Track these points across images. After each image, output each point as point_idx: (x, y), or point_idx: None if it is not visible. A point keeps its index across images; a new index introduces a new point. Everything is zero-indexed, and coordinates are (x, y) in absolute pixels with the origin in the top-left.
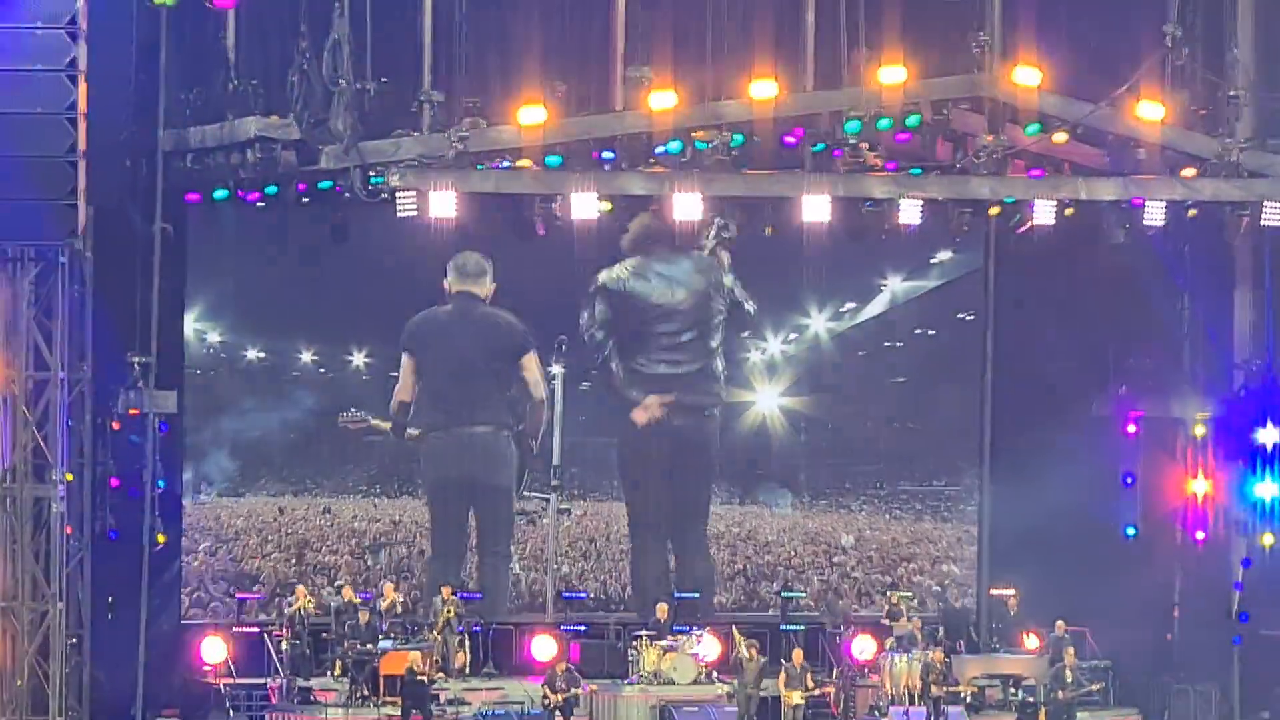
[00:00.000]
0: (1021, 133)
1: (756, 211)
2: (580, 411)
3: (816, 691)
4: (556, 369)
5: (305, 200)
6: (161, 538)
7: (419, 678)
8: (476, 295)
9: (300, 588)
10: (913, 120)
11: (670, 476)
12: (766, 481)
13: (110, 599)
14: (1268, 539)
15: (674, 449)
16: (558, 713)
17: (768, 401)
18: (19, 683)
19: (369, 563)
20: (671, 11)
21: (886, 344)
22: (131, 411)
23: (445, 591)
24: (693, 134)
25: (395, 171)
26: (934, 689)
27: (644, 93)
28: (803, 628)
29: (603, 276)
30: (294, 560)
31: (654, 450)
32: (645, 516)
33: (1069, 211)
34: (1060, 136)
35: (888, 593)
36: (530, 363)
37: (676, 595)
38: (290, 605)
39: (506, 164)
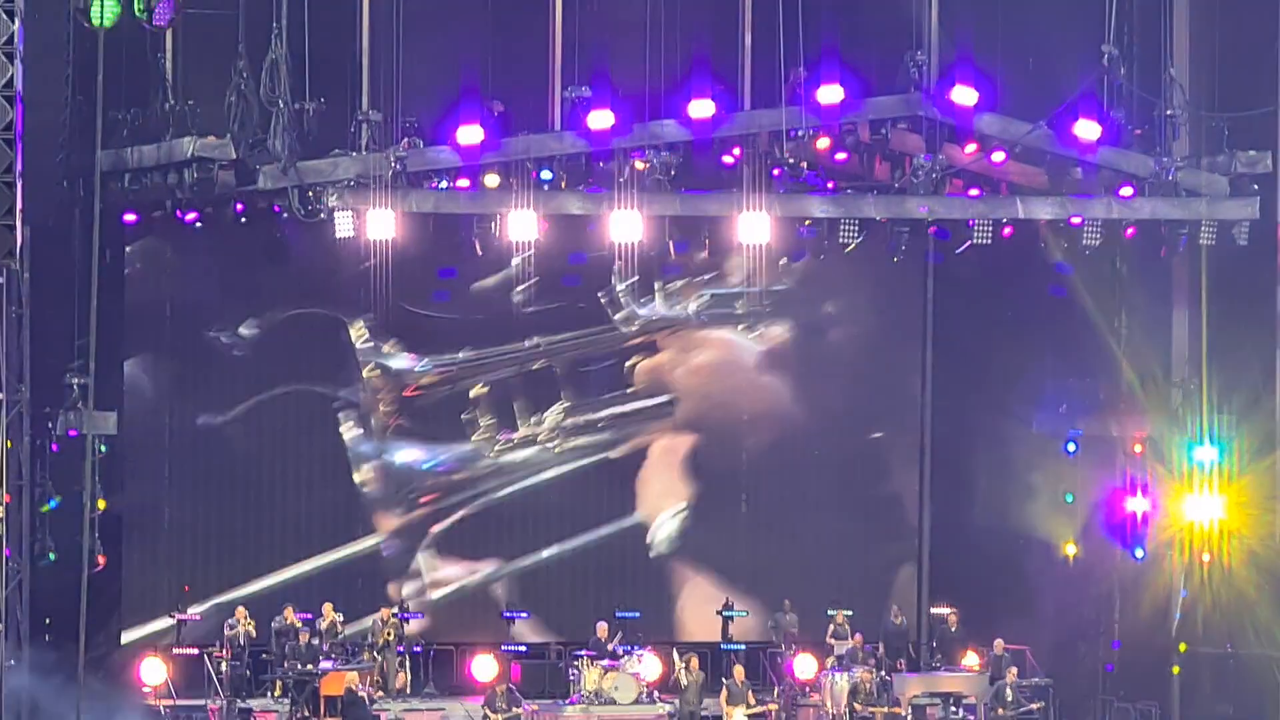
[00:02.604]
0: (959, 152)
1: (695, 231)
2: None
3: (759, 709)
4: None
5: (243, 220)
6: (101, 559)
7: (359, 698)
8: None
9: (240, 609)
10: (851, 140)
11: None
12: None
13: (48, 621)
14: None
15: None
16: None
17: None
18: None
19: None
20: (609, 31)
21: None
22: (70, 433)
23: (385, 612)
24: (631, 154)
25: (334, 191)
26: (858, 708)
27: (583, 113)
28: (743, 647)
29: None
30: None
31: None
32: None
33: (1007, 231)
34: (998, 156)
35: (830, 611)
36: None
37: (618, 615)
38: (231, 628)
39: (444, 184)
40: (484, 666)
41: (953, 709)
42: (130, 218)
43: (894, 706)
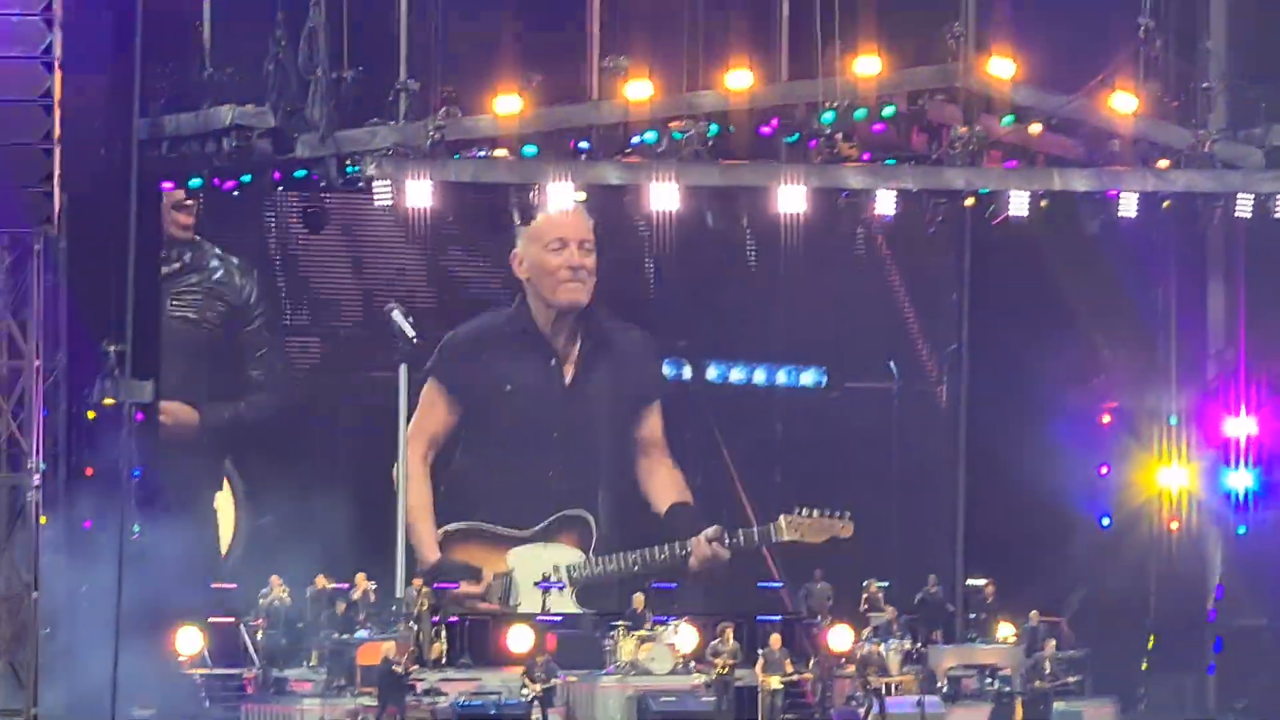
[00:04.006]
0: (997, 124)
1: (732, 202)
2: None
3: (794, 676)
4: None
5: (280, 189)
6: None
7: (394, 668)
8: None
9: (275, 577)
10: (888, 111)
11: None
12: None
13: (85, 589)
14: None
15: None
16: (536, 703)
17: None
18: None
19: None
20: (648, 2)
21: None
22: (107, 401)
23: (417, 582)
24: (669, 124)
25: (372, 160)
26: (872, 680)
27: (620, 83)
28: (779, 618)
29: None
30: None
31: None
32: None
33: (1044, 203)
34: (1035, 128)
35: (865, 583)
36: None
37: (654, 585)
38: (265, 595)
39: (482, 154)
40: (520, 637)
41: (989, 681)
42: (168, 185)
43: (889, 678)
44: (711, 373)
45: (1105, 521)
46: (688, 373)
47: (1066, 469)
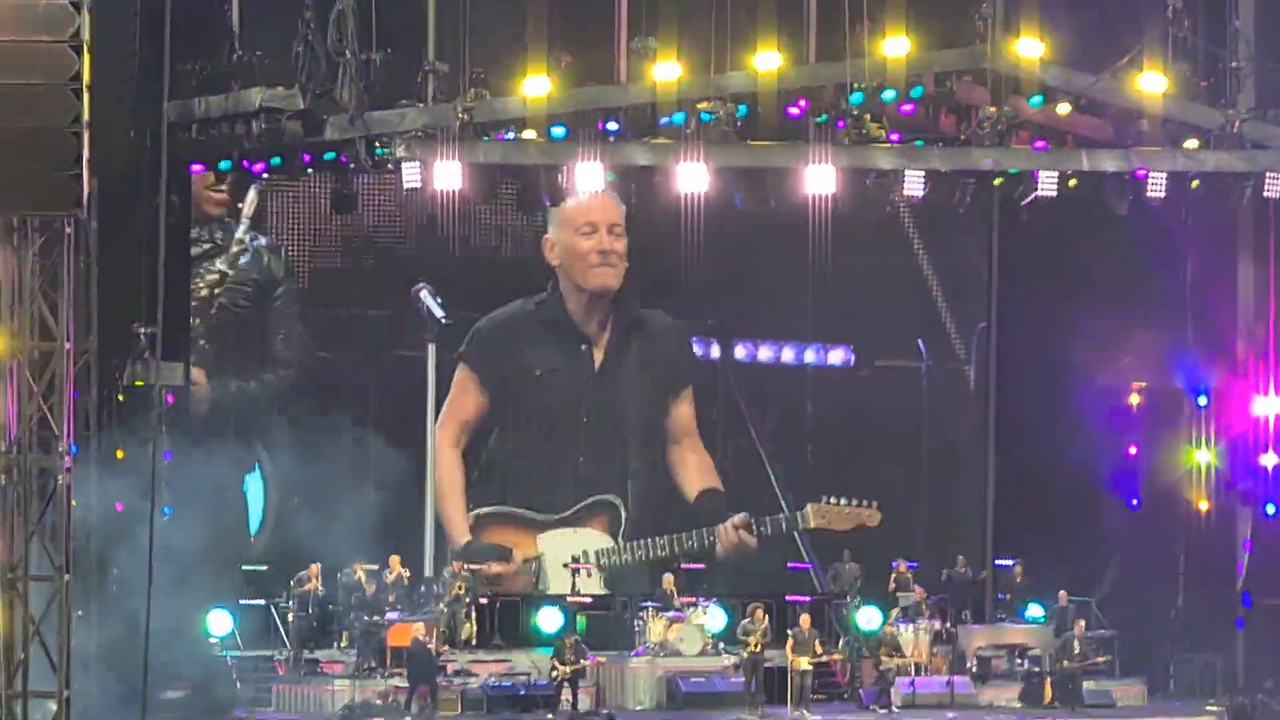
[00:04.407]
0: (1025, 104)
1: (760, 183)
2: None
3: (824, 657)
4: None
5: (310, 171)
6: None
7: (424, 649)
8: None
9: (315, 566)
10: (916, 92)
11: None
12: None
13: (116, 571)
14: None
15: None
16: (566, 684)
17: None
18: (21, 655)
19: None
20: None
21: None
22: (137, 383)
23: (456, 565)
24: (697, 105)
25: (401, 142)
26: (884, 661)
27: (648, 64)
28: (809, 599)
29: None
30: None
31: None
32: None
33: (1072, 183)
34: (1063, 108)
35: (894, 563)
36: None
37: (683, 566)
38: (301, 583)
39: (511, 135)
40: (550, 618)
41: (1018, 661)
42: (197, 168)
43: (903, 659)
44: (740, 352)
45: (1134, 501)
46: (715, 351)
47: (1095, 449)
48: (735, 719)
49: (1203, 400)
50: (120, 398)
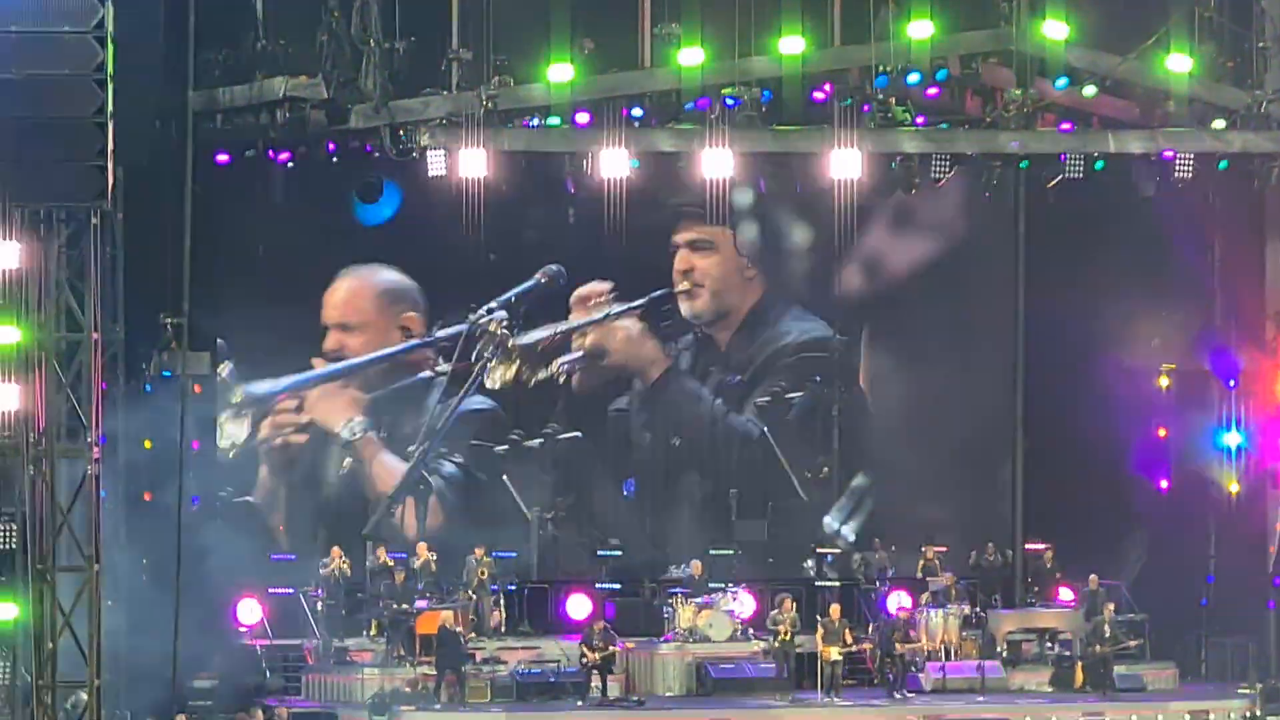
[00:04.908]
0: (1050, 86)
1: (785, 167)
2: None
3: (854, 647)
4: None
5: (335, 160)
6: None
7: (453, 637)
8: None
9: (335, 548)
10: (941, 75)
11: None
12: None
13: (145, 561)
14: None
15: None
16: (595, 671)
17: None
18: (50, 645)
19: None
20: None
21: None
22: (165, 374)
23: (479, 551)
24: (721, 90)
25: (426, 130)
26: (898, 646)
27: (672, 49)
28: (838, 584)
29: None
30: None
31: None
32: None
33: (1098, 165)
34: (1089, 90)
35: (923, 548)
36: None
37: (711, 552)
38: (325, 566)
39: (535, 122)
40: (578, 605)
41: (1048, 644)
42: (223, 158)
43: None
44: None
45: (1164, 484)
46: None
47: (1124, 432)
48: (765, 704)
49: (1232, 382)
50: (148, 388)
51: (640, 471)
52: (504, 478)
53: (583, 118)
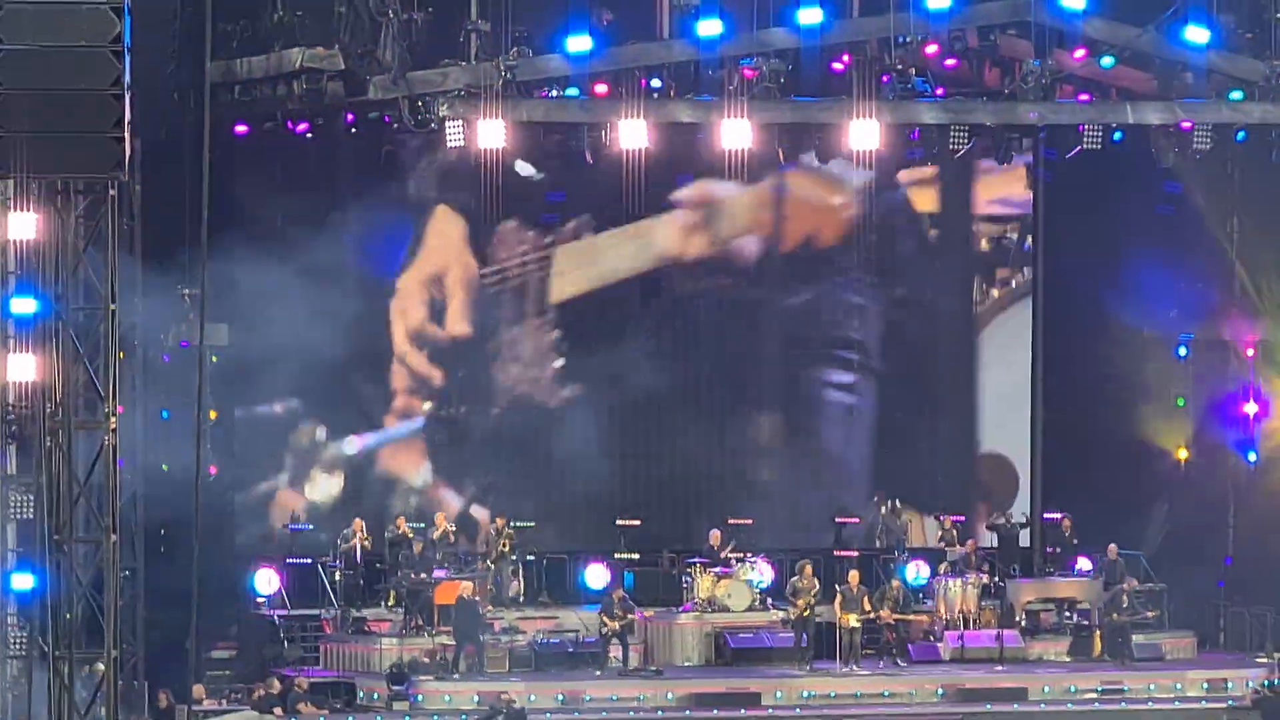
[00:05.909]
0: (1069, 57)
1: (804, 138)
2: None
3: (872, 615)
4: None
5: (353, 131)
6: (213, 470)
7: (471, 607)
8: None
9: (358, 520)
10: (960, 46)
11: None
12: None
13: (163, 531)
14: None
15: None
16: (614, 640)
17: None
18: (68, 616)
19: None
20: None
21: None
22: (182, 344)
23: (499, 521)
24: (740, 61)
25: (444, 101)
26: (885, 614)
27: (691, 20)
28: (856, 553)
29: None
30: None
31: None
32: None
33: (1117, 136)
34: (1107, 61)
35: (941, 517)
36: None
37: (730, 521)
38: (345, 540)
39: (554, 93)
40: (597, 575)
41: (1067, 614)
42: (241, 129)
43: (906, 614)
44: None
45: (1183, 454)
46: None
47: (1143, 402)
48: (784, 674)
49: (1250, 351)
50: (165, 359)
51: None
52: None
53: (601, 89)
